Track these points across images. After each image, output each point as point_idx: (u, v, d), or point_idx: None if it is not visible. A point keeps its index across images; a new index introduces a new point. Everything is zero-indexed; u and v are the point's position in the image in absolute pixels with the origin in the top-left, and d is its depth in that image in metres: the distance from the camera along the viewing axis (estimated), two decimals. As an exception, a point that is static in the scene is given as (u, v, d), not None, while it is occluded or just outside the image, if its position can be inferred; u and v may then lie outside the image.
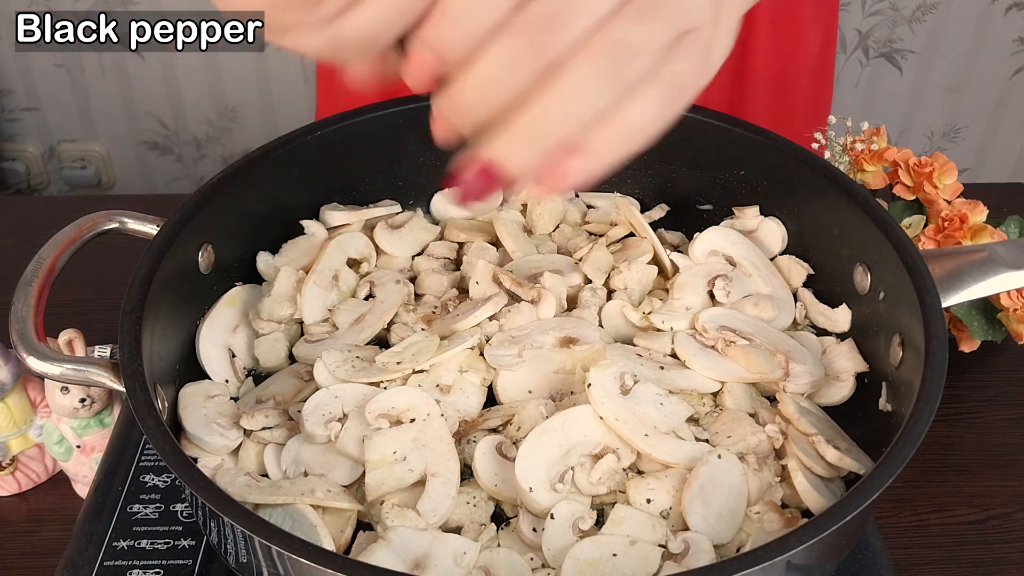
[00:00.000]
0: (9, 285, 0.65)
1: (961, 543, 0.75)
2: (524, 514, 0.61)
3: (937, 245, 0.84)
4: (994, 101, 2.08)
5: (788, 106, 1.08)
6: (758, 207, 0.80)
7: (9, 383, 0.75)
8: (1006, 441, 0.83)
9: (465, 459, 0.64)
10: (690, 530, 0.59)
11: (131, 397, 0.57)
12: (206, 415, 0.66)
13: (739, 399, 0.68)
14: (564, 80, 0.37)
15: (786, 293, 0.77)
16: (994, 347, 0.89)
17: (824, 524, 0.51)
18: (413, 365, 0.67)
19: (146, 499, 0.68)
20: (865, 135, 0.92)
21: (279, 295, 0.74)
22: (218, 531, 0.57)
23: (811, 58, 1.07)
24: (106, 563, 0.64)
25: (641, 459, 0.63)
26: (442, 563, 0.57)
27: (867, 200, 0.70)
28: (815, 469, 0.63)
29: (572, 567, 0.57)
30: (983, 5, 1.93)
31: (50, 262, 0.66)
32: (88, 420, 0.76)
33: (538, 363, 0.69)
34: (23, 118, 2.11)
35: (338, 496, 0.61)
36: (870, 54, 2.01)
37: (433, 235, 0.82)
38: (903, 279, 0.65)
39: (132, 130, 2.11)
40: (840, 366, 0.71)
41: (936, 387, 0.58)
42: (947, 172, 0.87)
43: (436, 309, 0.75)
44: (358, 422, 0.64)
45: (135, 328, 0.61)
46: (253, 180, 0.74)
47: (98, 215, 0.71)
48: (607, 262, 0.77)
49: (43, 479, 0.80)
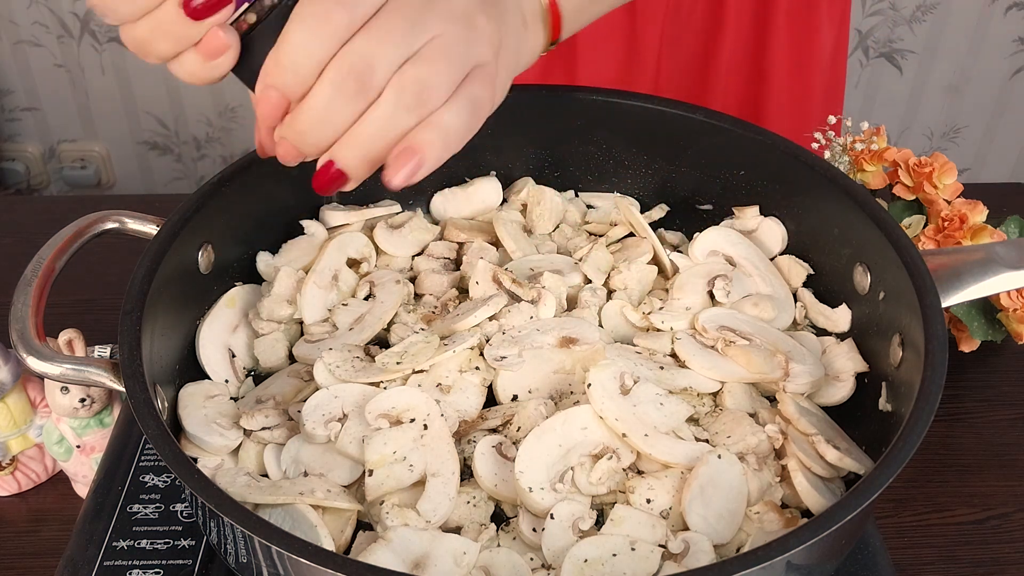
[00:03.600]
0: (9, 285, 0.65)
1: (961, 543, 0.75)
2: (524, 514, 0.61)
3: (937, 245, 0.84)
4: (994, 101, 2.08)
5: (806, 103, 1.09)
6: (758, 207, 0.80)
7: (9, 383, 0.75)
8: (1006, 441, 0.83)
9: (465, 459, 0.64)
10: (690, 530, 0.59)
11: (131, 397, 0.57)
12: (206, 415, 0.66)
13: (739, 399, 0.68)
14: (377, 111, 0.48)
15: (786, 293, 0.77)
16: (994, 347, 0.89)
17: (824, 524, 0.51)
18: (413, 365, 0.67)
19: (146, 499, 0.68)
20: (865, 135, 0.92)
21: (279, 295, 0.74)
22: (218, 531, 0.57)
23: (827, 55, 1.07)
24: (106, 563, 0.64)
25: (641, 459, 0.63)
26: (442, 563, 0.57)
27: (867, 200, 0.70)
28: (815, 469, 0.63)
29: (572, 567, 0.57)
30: (983, 5, 1.94)
31: (50, 262, 0.66)
32: (88, 420, 0.76)
33: (538, 363, 0.69)
34: (23, 118, 2.11)
35: (338, 496, 0.61)
36: (870, 54, 2.01)
37: (433, 235, 0.82)
38: (903, 279, 0.65)
39: (132, 130, 2.11)
40: (840, 366, 0.71)
41: (936, 387, 0.58)
42: (947, 172, 0.87)
43: (436, 309, 0.75)
44: (358, 422, 0.64)
45: (135, 328, 0.61)
46: (253, 180, 0.74)
47: (98, 215, 0.71)
48: (607, 262, 0.77)
49: (43, 479, 0.80)
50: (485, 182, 0.84)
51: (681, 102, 0.80)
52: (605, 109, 0.81)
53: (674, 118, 0.79)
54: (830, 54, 1.08)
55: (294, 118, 0.48)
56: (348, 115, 0.48)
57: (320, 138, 0.49)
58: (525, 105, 0.81)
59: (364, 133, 0.48)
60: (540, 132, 0.83)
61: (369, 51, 0.47)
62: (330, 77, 0.47)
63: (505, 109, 0.55)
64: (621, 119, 0.81)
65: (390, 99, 0.48)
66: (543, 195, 0.82)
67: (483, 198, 0.84)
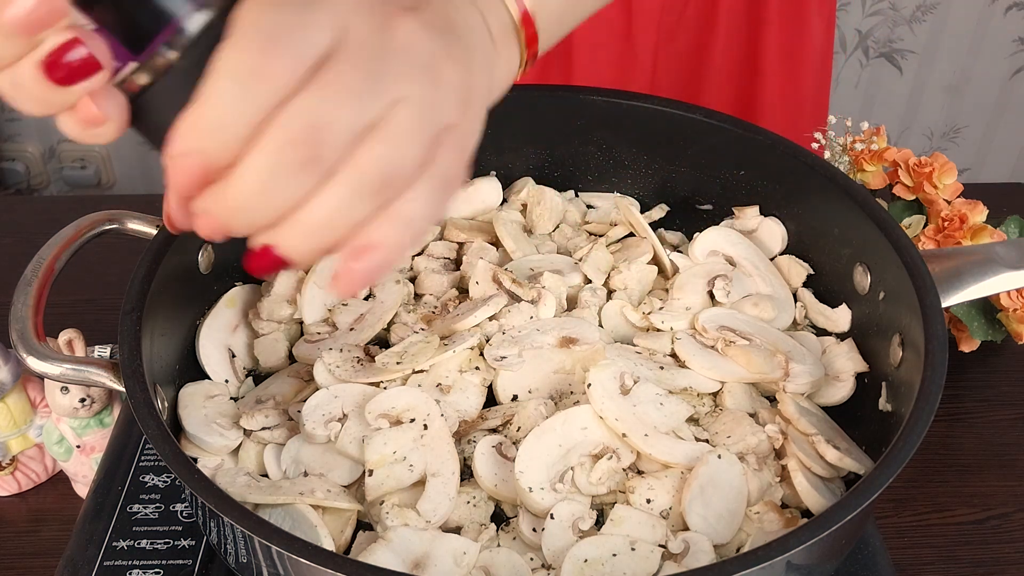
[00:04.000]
0: (9, 285, 0.65)
1: (961, 543, 0.75)
2: (524, 514, 0.61)
3: (937, 245, 0.84)
4: (994, 101, 2.08)
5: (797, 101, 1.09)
6: (758, 207, 0.80)
7: (9, 383, 0.75)
8: (1006, 441, 0.83)
9: (465, 459, 0.64)
10: (690, 530, 0.59)
11: (131, 397, 0.57)
12: (206, 415, 0.66)
13: (739, 399, 0.68)
14: (330, 195, 0.38)
15: (786, 293, 0.77)
16: (994, 347, 0.89)
17: (824, 524, 0.51)
18: (413, 365, 0.67)
19: (146, 499, 0.68)
20: (865, 135, 0.92)
21: (279, 295, 0.74)
22: (218, 531, 0.57)
23: (817, 50, 1.08)
24: (106, 563, 0.64)
25: (641, 459, 0.63)
26: (442, 563, 0.57)
27: (867, 200, 0.70)
28: (815, 469, 0.63)
29: (572, 567, 0.57)
30: (983, 5, 1.93)
31: (50, 262, 0.66)
32: (88, 420, 0.76)
33: (538, 363, 0.69)
34: (23, 118, 2.11)
35: (338, 496, 0.61)
36: (870, 54, 2.01)
37: (433, 235, 0.82)
38: (903, 279, 0.65)
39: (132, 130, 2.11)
40: (840, 366, 0.71)
41: (936, 387, 0.58)
42: (947, 172, 0.87)
43: (436, 309, 0.75)
44: (358, 422, 0.64)
45: (135, 328, 0.61)
46: (253, 180, 0.74)
47: (98, 215, 0.71)
48: (607, 262, 0.77)
49: (43, 479, 0.80)
50: (485, 182, 0.84)
51: (681, 102, 0.80)
52: (605, 109, 0.81)
53: (674, 118, 0.79)
54: (820, 49, 1.08)
55: (223, 191, 0.38)
56: (292, 193, 0.38)
57: (257, 218, 0.38)
58: (525, 105, 0.81)
59: (312, 220, 0.38)
60: (540, 132, 0.83)
61: (319, 114, 0.37)
62: (271, 145, 0.36)
63: (505, 109, 0.55)
64: (621, 119, 0.81)
65: (347, 183, 0.38)
66: (543, 195, 0.82)
67: (483, 198, 0.84)
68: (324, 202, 0.38)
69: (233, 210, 0.38)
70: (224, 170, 0.37)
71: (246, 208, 0.38)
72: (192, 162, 0.37)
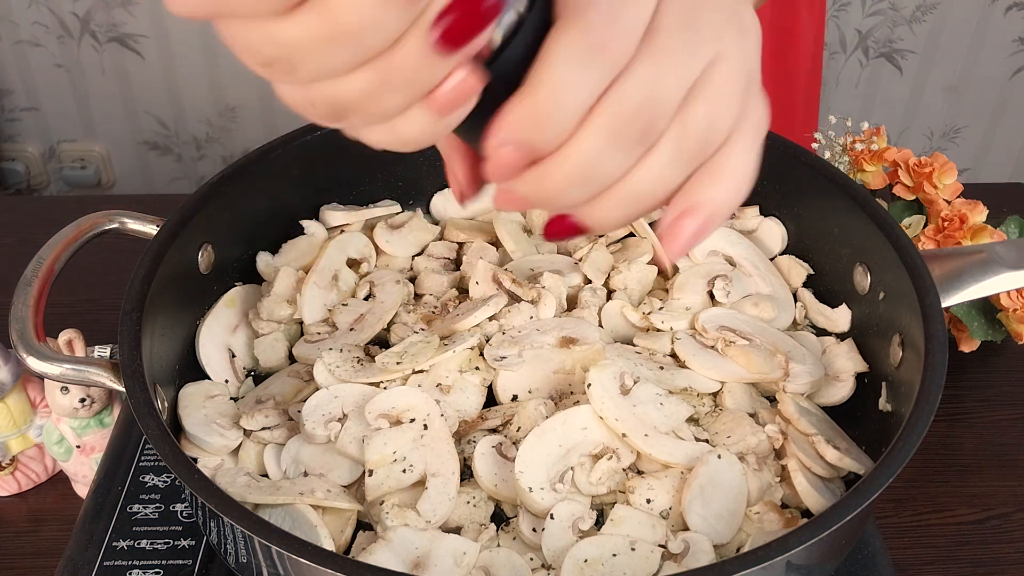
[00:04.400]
0: (9, 285, 0.65)
1: (961, 543, 0.75)
2: (524, 514, 0.61)
3: (937, 245, 0.84)
4: (994, 101, 2.08)
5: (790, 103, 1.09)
6: (758, 207, 0.80)
7: (9, 383, 0.75)
8: (1006, 441, 0.83)
9: (465, 459, 0.64)
10: (690, 530, 0.59)
11: (131, 397, 0.57)
12: (206, 415, 0.66)
13: (739, 399, 0.68)
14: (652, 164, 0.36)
15: (786, 293, 0.77)
16: (994, 347, 0.89)
17: (824, 524, 0.51)
18: (413, 365, 0.67)
19: (146, 499, 0.68)
20: (865, 135, 0.92)
21: (279, 295, 0.74)
22: (218, 531, 0.57)
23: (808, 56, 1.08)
24: (106, 563, 0.64)
25: (641, 459, 0.63)
26: (442, 563, 0.57)
27: (867, 200, 0.70)
28: (815, 469, 0.63)
29: (572, 567, 0.57)
30: (983, 5, 1.93)
31: (50, 262, 0.66)
32: (88, 420, 0.76)
33: (538, 363, 0.69)
34: (23, 118, 2.11)
35: (338, 496, 0.61)
36: (870, 54, 2.01)
37: (433, 235, 0.82)
38: (903, 279, 0.65)
39: (132, 130, 2.11)
40: (840, 366, 0.71)
41: (936, 387, 0.58)
42: (947, 172, 0.87)
43: (436, 309, 0.75)
44: (358, 422, 0.64)
45: (135, 328, 0.61)
46: (253, 180, 0.74)
47: (98, 215, 0.71)
48: (607, 262, 0.77)
49: (43, 479, 0.80)
50: (485, 182, 0.84)
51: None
52: (605, 109, 0.81)
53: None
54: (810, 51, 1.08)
55: (546, 174, 0.36)
56: (619, 168, 0.36)
57: (579, 196, 0.37)
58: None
59: (633, 191, 0.37)
60: (540, 132, 0.83)
61: (651, 88, 0.35)
62: (605, 124, 0.35)
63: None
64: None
65: (671, 149, 0.36)
66: (543, 195, 0.82)
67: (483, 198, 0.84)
68: (647, 171, 0.37)
69: (554, 193, 0.37)
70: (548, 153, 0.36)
71: (572, 189, 0.36)
72: (519, 152, 0.35)
